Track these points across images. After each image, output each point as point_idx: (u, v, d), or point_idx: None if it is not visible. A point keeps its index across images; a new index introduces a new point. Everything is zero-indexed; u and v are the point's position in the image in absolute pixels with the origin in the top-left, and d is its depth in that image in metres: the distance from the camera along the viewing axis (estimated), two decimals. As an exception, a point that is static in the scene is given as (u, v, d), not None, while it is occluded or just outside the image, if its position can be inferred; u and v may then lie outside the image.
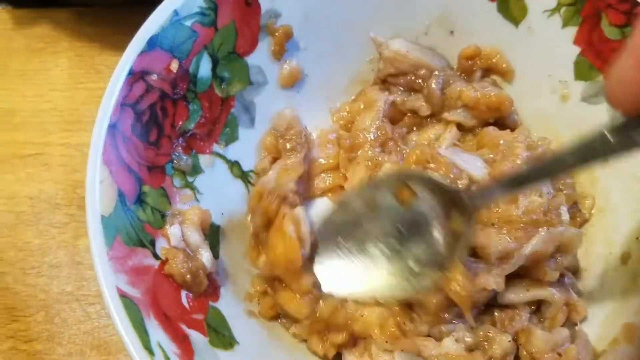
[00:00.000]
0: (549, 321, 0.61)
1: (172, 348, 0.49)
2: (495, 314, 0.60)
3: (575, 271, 0.65)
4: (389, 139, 0.67)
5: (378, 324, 0.58)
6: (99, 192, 0.52)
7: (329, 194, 0.70)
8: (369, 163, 0.65)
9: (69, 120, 0.79)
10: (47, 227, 0.73)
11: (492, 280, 0.57)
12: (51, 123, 0.79)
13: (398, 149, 0.66)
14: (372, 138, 0.67)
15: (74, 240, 0.72)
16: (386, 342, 0.57)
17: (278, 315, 0.62)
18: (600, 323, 0.61)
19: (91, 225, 0.50)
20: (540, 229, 0.59)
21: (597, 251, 0.66)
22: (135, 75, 0.57)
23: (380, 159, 0.65)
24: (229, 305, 0.58)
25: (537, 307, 0.62)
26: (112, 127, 0.54)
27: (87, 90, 0.81)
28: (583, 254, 0.66)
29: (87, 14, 0.86)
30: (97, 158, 0.53)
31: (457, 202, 0.58)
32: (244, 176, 0.68)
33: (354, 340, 0.60)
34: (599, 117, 0.68)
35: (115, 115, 0.55)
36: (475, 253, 0.60)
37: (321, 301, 0.59)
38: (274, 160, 0.69)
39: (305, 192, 0.70)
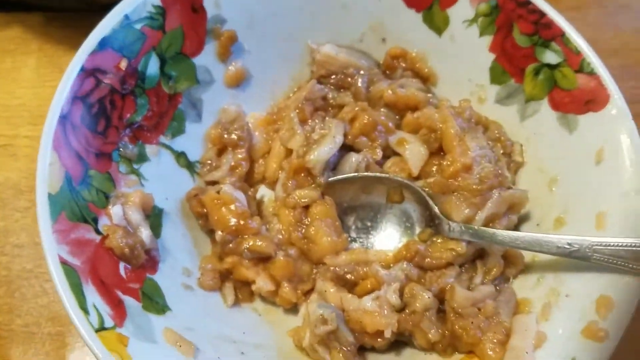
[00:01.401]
0: (484, 273, 0.68)
1: (106, 309, 0.56)
2: (427, 275, 0.68)
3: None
4: (308, 119, 0.75)
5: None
6: (48, 173, 0.59)
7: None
8: (287, 133, 0.73)
9: (36, 115, 0.86)
10: (12, 211, 0.80)
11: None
12: (19, 117, 0.86)
13: (317, 126, 0.74)
14: (293, 115, 0.75)
15: (34, 223, 0.76)
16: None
17: (218, 287, 0.70)
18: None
19: (39, 202, 0.57)
20: (494, 191, 0.68)
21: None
22: (87, 72, 0.64)
23: (296, 128, 0.72)
24: (166, 277, 0.65)
25: (480, 256, 0.70)
26: (63, 118, 0.61)
27: (53, 88, 0.83)
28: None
29: (55, 19, 0.93)
30: (48, 143, 0.60)
31: (433, 219, 0.70)
32: (190, 166, 0.75)
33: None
34: (511, 116, 0.76)
35: (66, 107, 0.62)
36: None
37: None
38: (219, 151, 0.77)
39: (249, 177, 0.77)
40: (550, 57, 0.72)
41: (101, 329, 0.54)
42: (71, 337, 0.72)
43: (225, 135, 0.76)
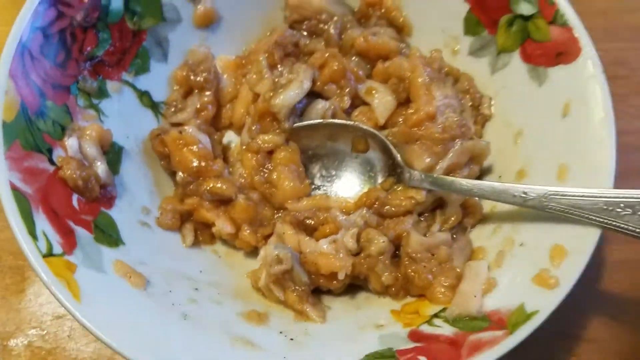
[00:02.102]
0: (442, 222, 0.69)
1: (55, 237, 0.56)
2: (386, 222, 0.68)
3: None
4: (277, 64, 0.74)
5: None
6: (3, 101, 0.58)
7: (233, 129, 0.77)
8: (254, 77, 0.72)
9: None
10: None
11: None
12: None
13: (285, 71, 0.73)
14: (262, 59, 0.74)
15: None
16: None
17: (177, 227, 0.70)
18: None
19: (-8, 129, 0.57)
20: (456, 141, 0.67)
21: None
22: (49, 3, 0.63)
23: (265, 72, 0.72)
24: (122, 213, 0.65)
25: (440, 206, 0.70)
26: (22, 46, 0.61)
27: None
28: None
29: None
30: (4, 71, 0.59)
31: (396, 168, 0.70)
32: (154, 106, 0.74)
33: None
34: (482, 69, 0.75)
35: (25, 35, 0.61)
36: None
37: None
38: (185, 93, 0.76)
39: (217, 122, 0.77)
40: (525, 7, 0.71)
41: (49, 255, 0.54)
42: (31, 271, 0.73)
43: (192, 77, 0.75)
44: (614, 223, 0.57)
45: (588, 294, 0.75)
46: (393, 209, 0.67)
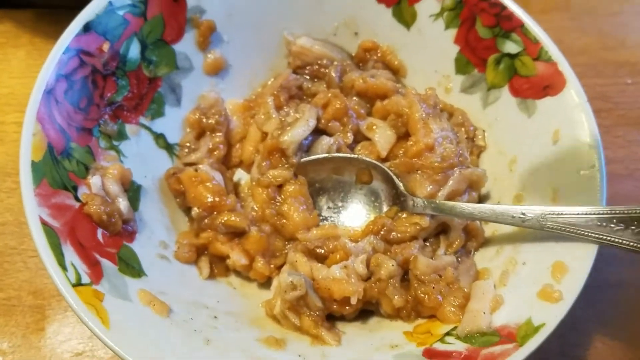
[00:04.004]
0: (446, 246, 0.72)
1: (83, 268, 0.58)
2: (393, 248, 0.71)
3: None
4: (283, 105, 0.79)
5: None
6: (31, 142, 0.62)
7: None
8: (262, 117, 0.76)
9: (24, 103, 0.85)
10: (-3, 192, 0.83)
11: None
12: (8, 105, 0.90)
13: (291, 111, 0.78)
14: (269, 100, 0.79)
15: (19, 203, 0.80)
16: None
17: (194, 260, 0.73)
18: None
19: (23, 167, 0.60)
20: (455, 169, 0.72)
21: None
22: (71, 52, 0.68)
23: (272, 113, 0.76)
24: (142, 246, 0.68)
25: (443, 231, 0.74)
26: (48, 93, 0.65)
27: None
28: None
29: (46, 15, 0.97)
30: (32, 115, 0.63)
31: (399, 197, 0.73)
32: (168, 147, 0.79)
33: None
34: (474, 104, 0.81)
35: (51, 83, 0.66)
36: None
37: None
38: (198, 135, 0.80)
39: (227, 161, 0.81)
40: (511, 47, 0.77)
41: (78, 284, 0.57)
42: (51, 310, 0.75)
43: (204, 120, 0.80)
44: (609, 238, 0.61)
45: (588, 315, 0.78)
46: (399, 235, 0.71)
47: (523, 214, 0.65)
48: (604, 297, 0.80)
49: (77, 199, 0.64)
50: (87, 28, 0.69)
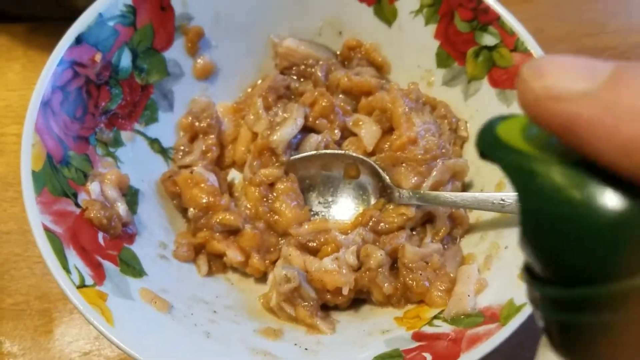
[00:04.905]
0: (433, 234, 0.75)
1: (86, 270, 0.62)
2: (381, 238, 0.75)
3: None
4: (272, 106, 0.82)
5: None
6: (31, 152, 0.65)
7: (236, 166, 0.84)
8: (252, 117, 0.79)
9: (22, 115, 0.88)
10: (0, 201, 0.86)
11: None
12: (6, 117, 0.93)
13: (280, 111, 0.81)
14: (258, 102, 0.82)
15: (22, 212, 0.83)
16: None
17: (192, 259, 0.76)
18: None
19: (24, 177, 0.63)
20: (438, 161, 0.75)
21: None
22: (65, 64, 0.71)
23: (261, 113, 0.79)
24: (142, 247, 0.71)
25: (429, 220, 0.77)
26: (44, 104, 0.68)
27: (36, 89, 0.94)
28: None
29: (40, 28, 1.00)
30: (31, 126, 0.66)
31: (386, 190, 0.76)
32: (163, 152, 0.82)
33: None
34: (456, 96, 0.84)
35: (47, 95, 0.68)
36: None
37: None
38: (191, 138, 0.83)
39: (221, 162, 0.84)
40: (488, 39, 0.80)
41: (82, 286, 0.60)
42: (58, 313, 0.78)
43: (196, 123, 0.82)
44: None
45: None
46: (387, 225, 0.74)
47: (502, 200, 0.68)
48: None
49: (77, 205, 0.67)
50: (79, 40, 0.72)
